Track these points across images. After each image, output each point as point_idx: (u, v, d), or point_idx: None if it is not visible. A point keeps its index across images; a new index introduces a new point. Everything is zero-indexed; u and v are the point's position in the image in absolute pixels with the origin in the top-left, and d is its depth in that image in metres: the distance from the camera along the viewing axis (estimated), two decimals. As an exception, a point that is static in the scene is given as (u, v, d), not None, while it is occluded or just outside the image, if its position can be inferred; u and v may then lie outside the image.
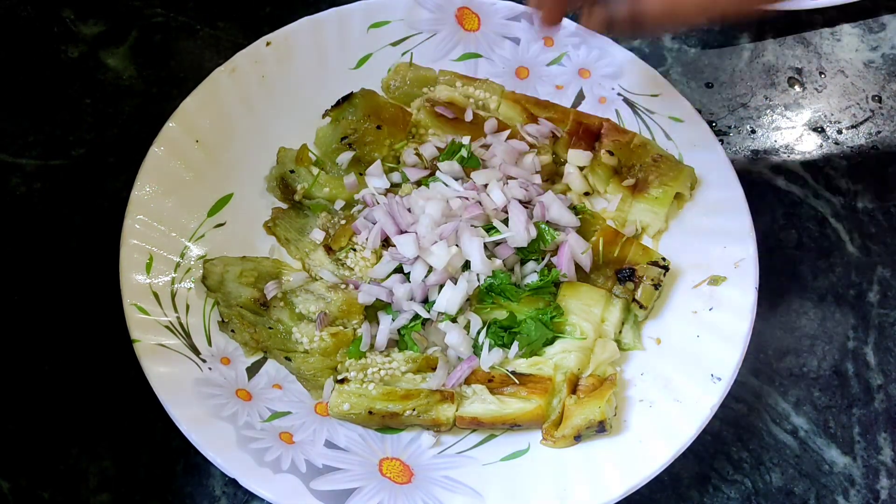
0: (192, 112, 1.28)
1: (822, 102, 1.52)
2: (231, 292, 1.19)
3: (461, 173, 1.29)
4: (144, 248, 1.19)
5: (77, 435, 1.17)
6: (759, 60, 1.54)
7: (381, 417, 1.14)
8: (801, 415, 1.25)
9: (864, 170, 1.45)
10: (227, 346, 1.19)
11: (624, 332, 1.23)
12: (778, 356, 1.29)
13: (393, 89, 1.38)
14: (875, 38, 1.57)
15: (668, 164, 1.30)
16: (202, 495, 1.15)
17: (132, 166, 1.23)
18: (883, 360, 1.29)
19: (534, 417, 1.14)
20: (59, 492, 1.14)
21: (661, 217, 1.29)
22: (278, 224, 1.29)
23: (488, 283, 1.20)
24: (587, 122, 1.34)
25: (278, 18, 1.44)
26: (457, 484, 1.10)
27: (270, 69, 1.35)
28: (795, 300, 1.33)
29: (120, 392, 1.19)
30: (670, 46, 1.54)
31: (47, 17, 1.48)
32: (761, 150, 1.46)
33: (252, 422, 1.12)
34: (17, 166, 1.35)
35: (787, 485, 1.20)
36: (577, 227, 1.26)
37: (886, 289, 1.35)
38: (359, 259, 1.23)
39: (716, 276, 1.23)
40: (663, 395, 1.16)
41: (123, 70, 1.44)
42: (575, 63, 1.41)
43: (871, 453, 1.23)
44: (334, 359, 1.17)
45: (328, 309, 1.18)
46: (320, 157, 1.32)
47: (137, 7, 1.50)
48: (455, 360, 1.19)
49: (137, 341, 1.12)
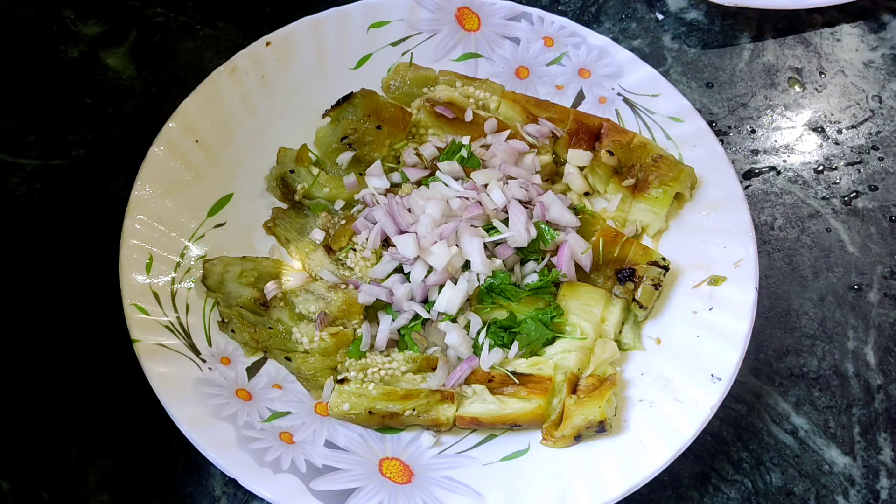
0: (192, 112, 1.28)
1: (822, 102, 1.51)
2: (231, 292, 1.19)
3: (461, 173, 1.29)
4: (144, 248, 1.19)
5: (77, 435, 1.17)
6: (759, 60, 1.54)
7: (381, 417, 1.14)
8: (801, 415, 1.25)
9: (864, 170, 1.45)
10: (227, 346, 1.19)
11: (624, 332, 1.23)
12: (778, 356, 1.29)
13: (393, 89, 1.38)
14: (875, 38, 1.57)
15: (668, 164, 1.30)
16: (202, 495, 1.15)
17: (132, 166, 1.23)
18: (883, 360, 1.29)
19: (534, 417, 1.14)
20: (59, 492, 1.14)
21: (661, 217, 1.29)
22: (278, 224, 1.29)
23: (488, 283, 1.20)
24: (587, 122, 1.34)
25: (278, 18, 1.44)
26: (457, 484, 1.10)
27: (270, 69, 1.35)
28: (795, 300, 1.33)
29: (120, 392, 1.19)
30: (670, 46, 1.54)
31: (47, 17, 1.48)
32: (761, 150, 1.46)
33: (252, 422, 1.12)
34: (17, 166, 1.35)
35: (787, 485, 1.20)
36: (577, 227, 1.26)
37: (886, 289, 1.35)
38: (359, 259, 1.23)
39: (716, 276, 1.23)
40: (663, 395, 1.16)
41: (123, 70, 1.44)
42: (575, 63, 1.41)
43: (871, 453, 1.23)
44: (334, 359, 1.17)
45: (328, 309, 1.18)
46: (320, 157, 1.32)
47: (137, 7, 1.50)
48: (455, 360, 1.19)
49: (137, 341, 1.12)
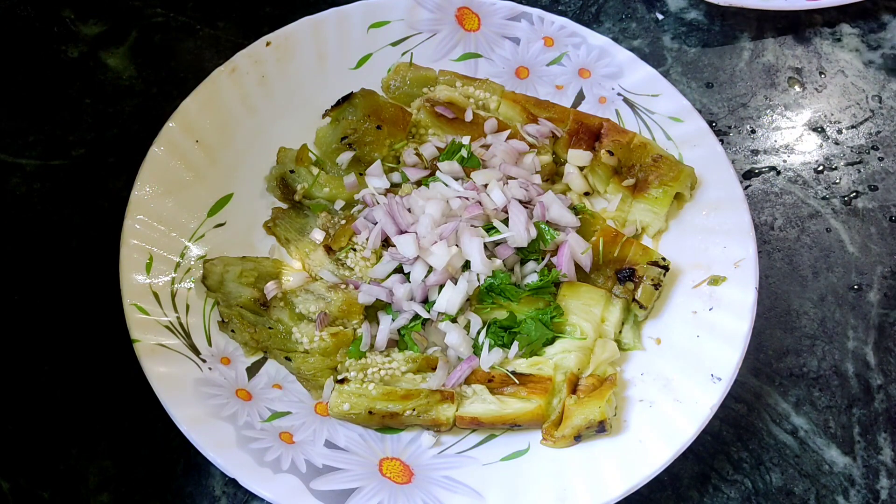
0: (192, 112, 1.28)
1: (822, 102, 1.51)
2: (231, 292, 1.19)
3: (461, 173, 1.29)
4: (144, 248, 1.19)
5: (77, 435, 1.17)
6: (759, 60, 1.54)
7: (381, 417, 1.14)
8: (801, 415, 1.25)
9: (864, 170, 1.45)
10: (227, 346, 1.19)
11: (624, 332, 1.23)
12: (778, 356, 1.29)
13: (393, 89, 1.38)
14: (875, 38, 1.57)
15: (668, 164, 1.30)
16: (202, 495, 1.15)
17: (132, 166, 1.23)
18: (883, 360, 1.29)
19: (534, 417, 1.14)
20: (59, 492, 1.14)
21: (661, 217, 1.29)
22: (278, 224, 1.29)
23: (488, 283, 1.20)
24: (587, 122, 1.34)
25: (278, 18, 1.44)
26: (457, 484, 1.10)
27: (270, 69, 1.35)
28: (795, 300, 1.33)
29: (120, 392, 1.19)
30: (670, 46, 1.54)
31: (47, 17, 1.48)
32: (761, 150, 1.46)
33: (252, 422, 1.12)
34: (17, 166, 1.35)
35: (787, 485, 1.20)
36: (577, 227, 1.26)
37: (886, 289, 1.35)
38: (359, 259, 1.23)
39: (716, 276, 1.23)
40: (663, 395, 1.16)
41: (123, 70, 1.44)
42: (575, 63, 1.41)
43: (871, 453, 1.23)
44: (334, 359, 1.17)
45: (328, 309, 1.18)
46: (320, 157, 1.32)
47: (137, 7, 1.50)
48: (455, 360, 1.19)
49: (137, 341, 1.12)
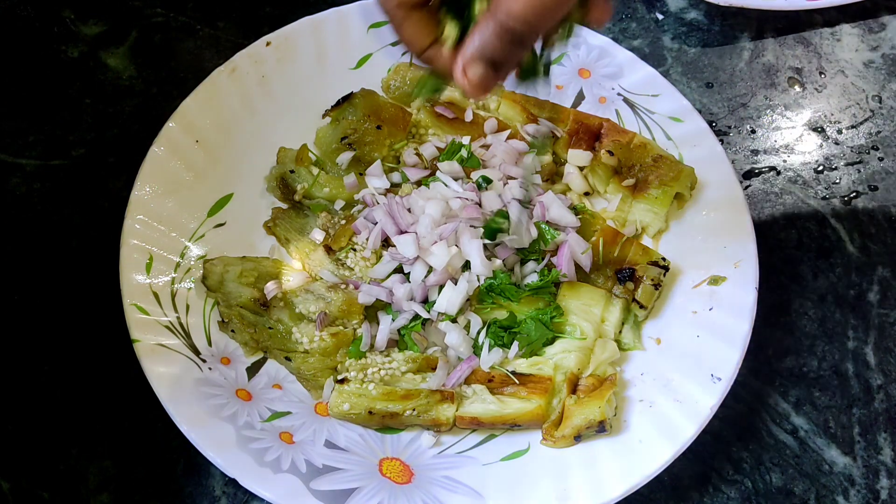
0: (192, 112, 1.28)
1: (822, 102, 1.51)
2: (231, 292, 1.19)
3: (461, 173, 1.29)
4: (144, 248, 1.19)
5: (77, 435, 1.17)
6: (759, 60, 1.54)
7: (381, 417, 1.14)
8: (801, 415, 1.25)
9: (864, 170, 1.45)
10: (227, 346, 1.19)
11: (624, 332, 1.23)
12: (778, 356, 1.29)
13: (393, 89, 1.38)
14: (875, 38, 1.57)
15: (668, 164, 1.30)
16: (202, 495, 1.15)
17: (132, 166, 1.23)
18: (883, 360, 1.29)
19: (534, 417, 1.14)
20: (59, 492, 1.13)
21: (661, 217, 1.29)
22: (278, 224, 1.29)
23: (488, 284, 1.20)
24: (587, 122, 1.34)
25: (278, 18, 1.44)
26: (457, 484, 1.10)
27: (270, 69, 1.35)
28: (795, 300, 1.33)
29: (120, 392, 1.19)
30: (670, 46, 1.54)
31: (47, 17, 1.48)
32: (761, 150, 1.46)
33: (252, 422, 1.12)
34: (17, 166, 1.35)
35: (787, 485, 1.20)
36: (577, 227, 1.26)
37: (886, 289, 1.35)
38: (359, 259, 1.23)
39: (716, 276, 1.23)
40: (663, 395, 1.16)
41: (123, 70, 1.44)
42: (575, 63, 1.41)
43: (871, 453, 1.23)
44: (334, 359, 1.17)
45: (328, 309, 1.18)
46: (320, 157, 1.32)
47: (137, 7, 1.50)
48: (455, 360, 1.19)
49: (137, 341, 1.12)
